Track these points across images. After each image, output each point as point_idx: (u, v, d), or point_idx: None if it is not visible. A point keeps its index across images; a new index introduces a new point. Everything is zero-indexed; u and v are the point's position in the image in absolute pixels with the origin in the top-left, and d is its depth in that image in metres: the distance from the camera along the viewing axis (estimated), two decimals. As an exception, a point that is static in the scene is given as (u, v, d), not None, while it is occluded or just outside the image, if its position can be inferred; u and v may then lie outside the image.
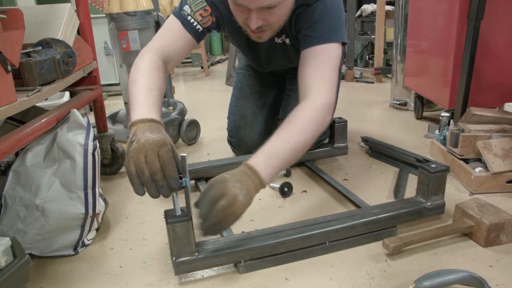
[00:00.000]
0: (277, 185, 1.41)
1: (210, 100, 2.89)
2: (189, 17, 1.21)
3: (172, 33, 1.20)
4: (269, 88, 1.67)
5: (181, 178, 0.87)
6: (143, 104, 0.95)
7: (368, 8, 3.92)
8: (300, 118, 1.01)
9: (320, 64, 1.10)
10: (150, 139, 0.84)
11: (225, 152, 1.77)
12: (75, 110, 1.19)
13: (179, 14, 1.22)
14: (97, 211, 1.14)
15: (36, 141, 1.15)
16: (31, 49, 1.12)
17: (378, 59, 2.98)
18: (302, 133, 0.99)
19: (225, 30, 1.34)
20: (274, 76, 1.70)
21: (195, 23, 1.22)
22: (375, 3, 3.23)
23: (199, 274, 1.02)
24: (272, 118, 1.67)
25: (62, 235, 1.10)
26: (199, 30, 1.23)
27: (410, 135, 1.92)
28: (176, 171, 0.85)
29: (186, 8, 1.22)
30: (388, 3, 3.31)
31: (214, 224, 0.87)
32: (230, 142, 1.70)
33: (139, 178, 0.84)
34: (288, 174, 1.53)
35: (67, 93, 2.17)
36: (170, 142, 0.88)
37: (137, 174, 0.84)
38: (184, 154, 0.84)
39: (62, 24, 1.26)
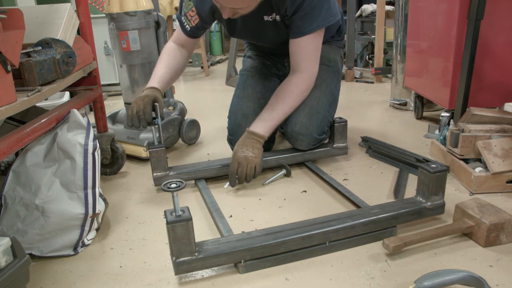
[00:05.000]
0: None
1: (210, 100, 2.89)
2: (183, 18, 1.52)
3: (177, 30, 1.58)
4: (271, 90, 1.68)
5: (155, 119, 1.38)
6: (153, 77, 1.49)
7: (368, 8, 3.92)
8: (288, 90, 1.48)
9: (305, 52, 1.43)
10: (142, 95, 1.40)
11: (225, 152, 1.77)
12: (75, 110, 1.19)
13: (178, 16, 1.55)
14: (97, 211, 1.15)
15: (36, 141, 1.15)
16: (31, 49, 1.12)
17: (378, 59, 2.99)
18: (288, 101, 1.47)
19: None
20: (277, 77, 1.72)
21: (185, 23, 1.52)
22: (375, 3, 3.23)
23: (199, 274, 1.02)
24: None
25: (62, 235, 1.10)
26: (188, 29, 1.53)
27: (410, 135, 1.92)
28: (150, 111, 1.35)
29: (182, 9, 1.51)
30: (388, 3, 3.31)
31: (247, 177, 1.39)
32: (230, 140, 1.69)
33: (132, 115, 1.36)
34: (288, 174, 1.53)
35: (67, 93, 2.17)
36: (155, 96, 1.39)
37: (131, 113, 1.36)
38: (157, 104, 1.36)
39: (62, 24, 1.26)
